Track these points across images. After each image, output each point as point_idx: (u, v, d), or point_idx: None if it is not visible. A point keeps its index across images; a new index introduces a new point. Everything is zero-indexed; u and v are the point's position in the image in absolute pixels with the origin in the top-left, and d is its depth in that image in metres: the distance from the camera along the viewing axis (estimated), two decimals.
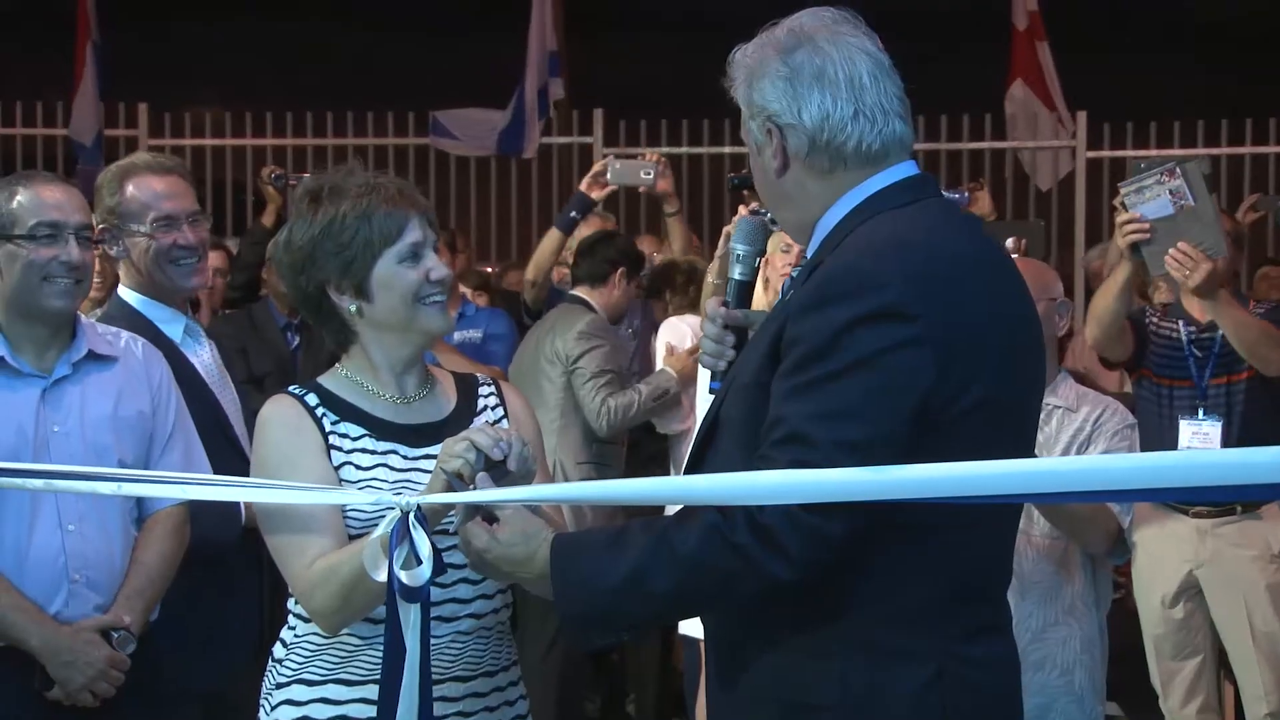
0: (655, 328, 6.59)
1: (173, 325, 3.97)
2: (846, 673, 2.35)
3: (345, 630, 2.77)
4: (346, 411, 2.84)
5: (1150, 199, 4.79)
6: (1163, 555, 5.32)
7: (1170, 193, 4.76)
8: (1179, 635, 5.33)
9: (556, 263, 6.63)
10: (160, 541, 3.50)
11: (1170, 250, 4.82)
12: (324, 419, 2.82)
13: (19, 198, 3.41)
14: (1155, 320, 5.35)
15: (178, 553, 3.53)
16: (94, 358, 3.49)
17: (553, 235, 6.63)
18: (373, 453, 2.82)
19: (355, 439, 2.82)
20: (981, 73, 10.51)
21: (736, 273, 2.75)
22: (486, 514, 2.52)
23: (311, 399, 2.84)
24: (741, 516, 2.27)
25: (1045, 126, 9.97)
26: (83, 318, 3.59)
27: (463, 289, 7.36)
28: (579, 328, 5.90)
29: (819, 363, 2.27)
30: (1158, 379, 5.28)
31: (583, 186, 6.57)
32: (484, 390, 3.01)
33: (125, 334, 3.62)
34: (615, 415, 5.78)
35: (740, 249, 2.75)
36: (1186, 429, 5.17)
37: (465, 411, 2.94)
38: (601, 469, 5.88)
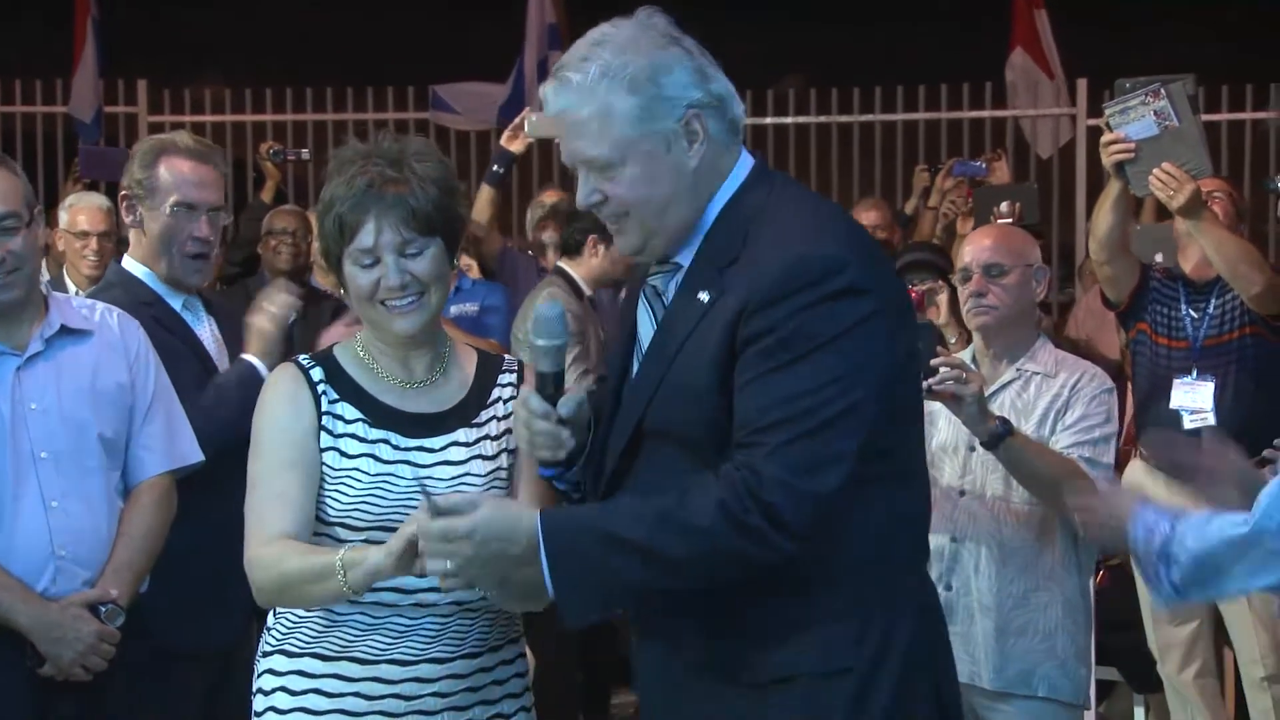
0: None
1: (172, 299, 3.93)
2: (861, 631, 2.44)
3: (356, 610, 2.76)
4: (348, 391, 2.80)
5: (1135, 119, 4.79)
6: None
7: (1155, 113, 4.76)
8: None
9: (493, 215, 6.57)
10: (146, 513, 3.50)
11: (1154, 171, 4.82)
12: (323, 396, 2.79)
13: None
14: (1158, 277, 5.34)
15: (165, 523, 3.54)
16: (68, 332, 3.46)
17: (484, 191, 6.63)
18: (363, 440, 2.77)
19: (349, 422, 2.78)
20: (981, 41, 10.46)
21: (545, 365, 2.61)
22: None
23: (317, 372, 2.81)
24: (749, 496, 2.33)
25: (1046, 94, 9.93)
26: (54, 293, 3.57)
27: (466, 261, 7.33)
28: None
29: (796, 343, 2.36)
30: (1155, 337, 5.27)
31: (503, 140, 6.56)
32: (504, 379, 2.91)
33: (100, 305, 3.59)
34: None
35: (542, 343, 2.61)
36: (1179, 388, 5.16)
37: (474, 404, 2.86)
38: None
